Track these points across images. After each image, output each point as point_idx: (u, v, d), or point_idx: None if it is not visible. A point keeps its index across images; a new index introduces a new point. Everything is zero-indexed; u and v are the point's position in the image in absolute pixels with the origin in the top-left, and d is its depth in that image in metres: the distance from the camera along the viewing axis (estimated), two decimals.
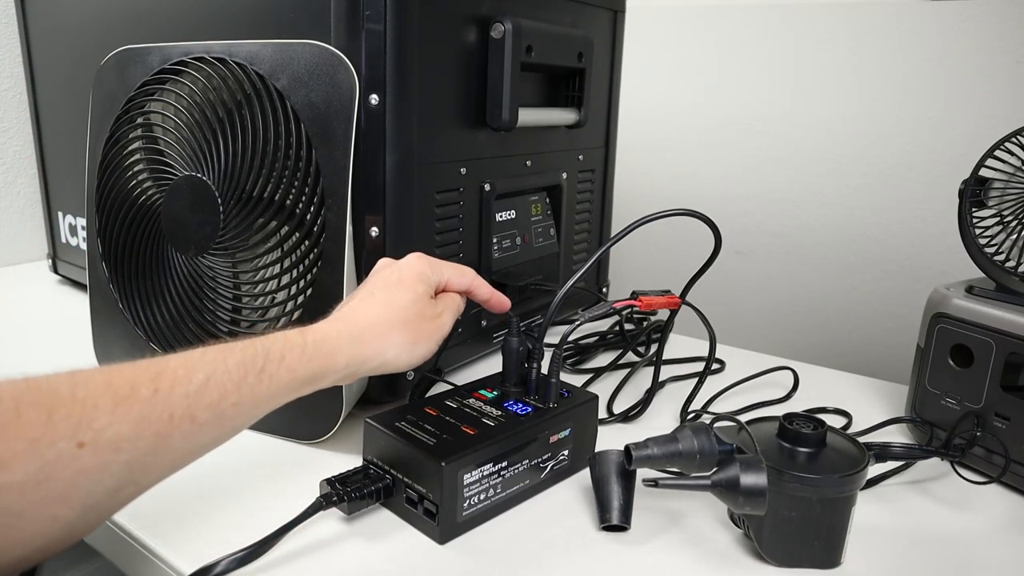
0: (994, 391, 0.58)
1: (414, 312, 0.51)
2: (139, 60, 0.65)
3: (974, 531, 0.53)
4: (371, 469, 0.53)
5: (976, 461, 0.59)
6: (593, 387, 0.75)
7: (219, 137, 0.60)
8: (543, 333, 0.57)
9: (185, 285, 0.64)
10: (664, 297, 0.60)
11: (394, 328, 0.50)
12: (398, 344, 0.50)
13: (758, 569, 0.48)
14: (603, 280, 0.98)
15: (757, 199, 1.19)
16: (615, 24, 0.89)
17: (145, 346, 0.67)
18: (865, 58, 1.05)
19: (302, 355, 0.44)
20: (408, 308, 0.51)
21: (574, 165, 0.87)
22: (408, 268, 0.54)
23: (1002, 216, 0.60)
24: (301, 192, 0.58)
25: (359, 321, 0.49)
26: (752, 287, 1.22)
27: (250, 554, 0.46)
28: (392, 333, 0.49)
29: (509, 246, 0.79)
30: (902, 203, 1.06)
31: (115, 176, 0.67)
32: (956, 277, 0.65)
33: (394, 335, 0.49)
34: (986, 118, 0.98)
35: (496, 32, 0.69)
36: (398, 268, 0.54)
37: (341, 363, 0.46)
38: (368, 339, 0.48)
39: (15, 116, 1.09)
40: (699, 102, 1.22)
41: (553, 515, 0.53)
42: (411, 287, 0.52)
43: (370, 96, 0.60)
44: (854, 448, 0.49)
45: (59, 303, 0.97)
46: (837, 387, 0.77)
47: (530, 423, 0.53)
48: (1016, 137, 0.59)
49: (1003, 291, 0.60)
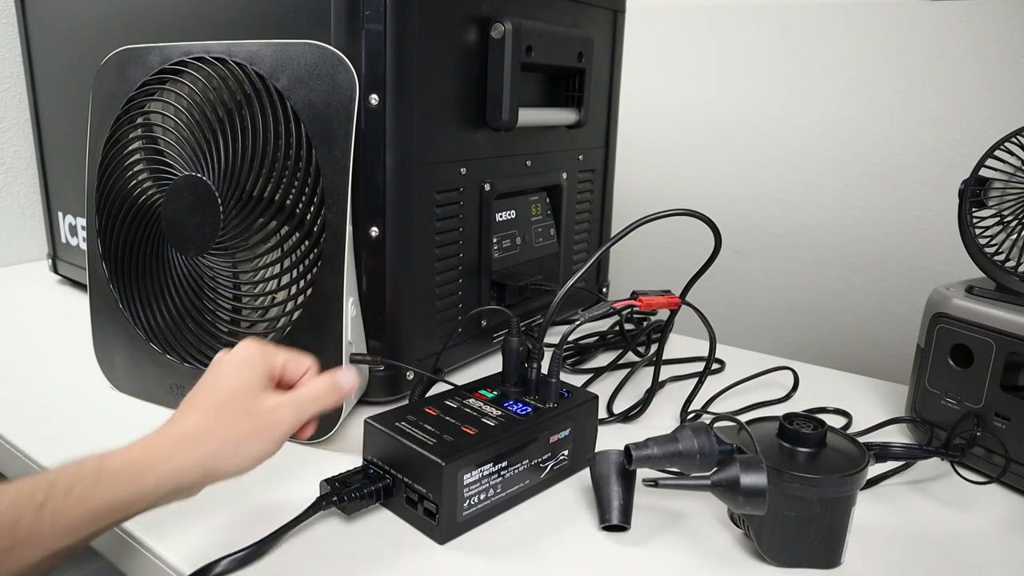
0: (994, 391, 0.57)
1: (236, 408, 0.45)
2: (139, 60, 0.65)
3: (974, 531, 0.53)
4: (371, 469, 0.52)
5: (976, 461, 0.59)
6: (593, 387, 0.75)
7: (219, 137, 0.60)
8: (543, 333, 0.57)
9: (185, 285, 0.64)
10: (664, 297, 0.60)
11: (212, 433, 0.44)
12: (218, 450, 0.44)
13: (758, 569, 0.48)
14: (603, 280, 0.98)
15: (757, 199, 1.19)
16: (615, 24, 0.89)
17: (145, 346, 0.67)
18: (865, 58, 1.05)
19: (95, 483, 0.40)
20: (226, 406, 0.45)
21: (574, 165, 0.87)
22: (233, 357, 0.49)
23: (1002, 216, 0.60)
24: (301, 192, 0.58)
25: (173, 433, 0.44)
26: (752, 287, 1.22)
27: (250, 554, 0.46)
28: (210, 440, 0.44)
29: (509, 246, 0.79)
30: (902, 203, 1.06)
31: (115, 176, 0.67)
32: (956, 277, 0.65)
33: (212, 441, 0.44)
34: (986, 118, 0.98)
35: (496, 32, 0.69)
36: (221, 361, 0.49)
37: (150, 483, 0.41)
38: (182, 451, 0.43)
39: (15, 116, 1.09)
40: (699, 102, 1.22)
41: (553, 515, 0.53)
42: (234, 379, 0.47)
43: (370, 96, 0.60)
44: (854, 448, 0.49)
45: (59, 303, 0.97)
46: (837, 387, 0.77)
47: (530, 423, 0.53)
48: (1016, 137, 0.59)
49: (1003, 291, 0.60)
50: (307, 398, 0.48)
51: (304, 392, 0.48)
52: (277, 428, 0.46)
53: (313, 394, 0.48)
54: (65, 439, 0.61)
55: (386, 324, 0.65)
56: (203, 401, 0.46)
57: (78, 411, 0.66)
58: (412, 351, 0.67)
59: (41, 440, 0.61)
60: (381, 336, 0.65)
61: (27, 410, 0.66)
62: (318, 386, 0.49)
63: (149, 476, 0.41)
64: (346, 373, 0.51)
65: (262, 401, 0.46)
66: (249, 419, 0.45)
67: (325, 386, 0.49)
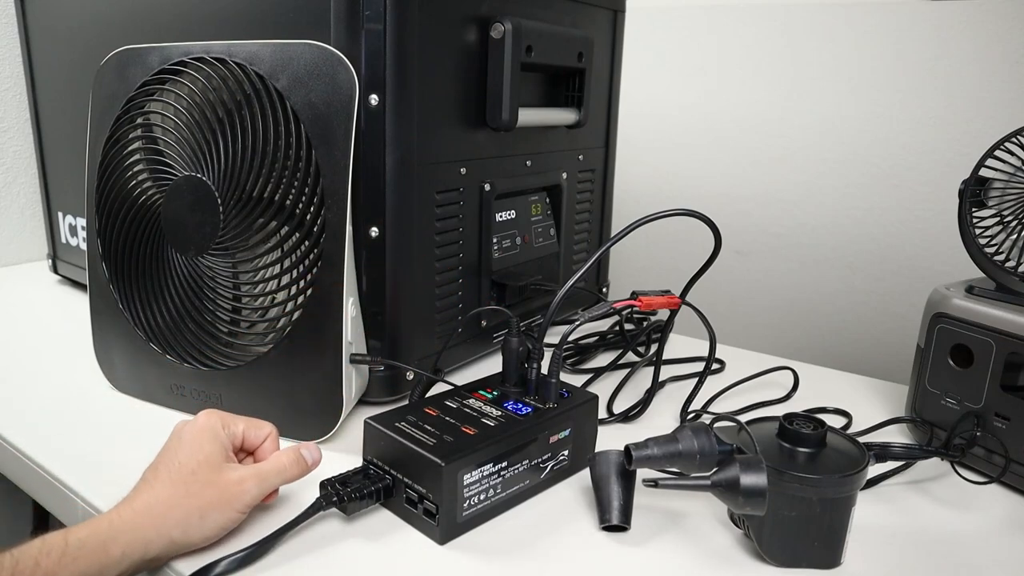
0: (994, 391, 0.57)
1: (201, 480, 0.46)
2: (139, 60, 0.65)
3: (974, 531, 0.53)
4: (371, 469, 0.52)
5: (976, 461, 0.59)
6: (593, 387, 0.75)
7: (219, 137, 0.60)
8: (543, 333, 0.57)
9: (185, 285, 0.64)
10: (664, 297, 0.60)
11: (178, 505, 0.45)
12: (182, 521, 0.45)
13: (758, 569, 0.48)
14: (603, 280, 0.98)
15: (757, 199, 1.19)
16: (615, 24, 0.89)
17: (145, 346, 0.67)
18: (865, 58, 1.05)
19: (62, 556, 0.40)
20: (192, 477, 0.46)
21: (574, 165, 0.87)
22: (193, 427, 0.49)
23: (1002, 216, 0.60)
24: (301, 192, 0.58)
25: (136, 504, 0.45)
26: (752, 287, 1.22)
27: (250, 554, 0.46)
28: (173, 510, 0.45)
29: (509, 246, 0.79)
30: (902, 203, 1.06)
31: (115, 176, 0.67)
32: (956, 277, 0.65)
33: (175, 512, 0.45)
34: (986, 118, 0.98)
35: (496, 32, 0.69)
36: (180, 433, 0.49)
37: (116, 554, 0.42)
38: (146, 522, 0.44)
39: (15, 116, 1.09)
40: (699, 102, 1.22)
41: (553, 515, 0.53)
42: (198, 451, 0.48)
43: (370, 96, 0.60)
44: (854, 448, 0.49)
45: (59, 303, 0.97)
46: (837, 387, 0.77)
47: (530, 423, 0.53)
48: (1016, 137, 0.59)
49: (1003, 291, 0.60)
50: (272, 471, 0.50)
51: (269, 465, 0.50)
52: (242, 499, 0.47)
53: (278, 467, 0.50)
54: (65, 439, 0.61)
55: (386, 324, 0.65)
56: (167, 473, 0.47)
57: (78, 411, 0.66)
58: (412, 351, 0.67)
59: (41, 440, 0.61)
60: (381, 336, 0.65)
61: (27, 410, 0.66)
62: (283, 459, 0.51)
63: (115, 548, 0.42)
64: (311, 448, 0.52)
65: (226, 473, 0.48)
66: (214, 490, 0.46)
67: (290, 459, 0.51)
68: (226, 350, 0.63)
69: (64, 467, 0.56)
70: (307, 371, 0.59)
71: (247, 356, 0.62)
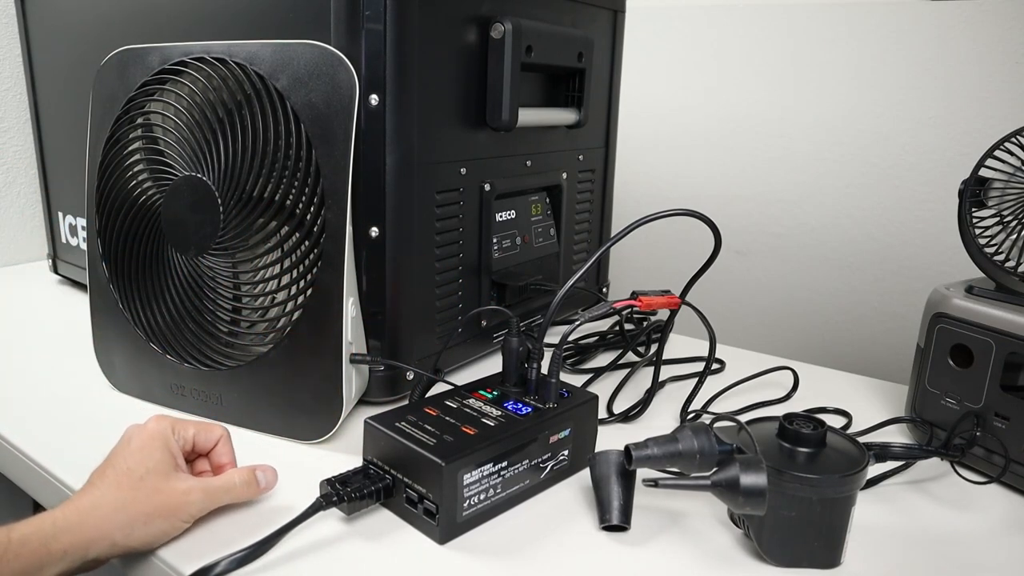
0: (994, 391, 0.58)
1: (149, 486, 0.47)
2: (139, 60, 0.65)
3: (974, 531, 0.53)
4: (371, 469, 0.53)
5: (976, 461, 0.59)
6: (593, 387, 0.75)
7: (219, 137, 0.60)
8: (543, 333, 0.57)
9: (185, 285, 0.64)
10: (664, 297, 0.60)
11: (122, 508, 0.45)
12: (126, 525, 0.45)
13: (758, 569, 0.48)
14: (603, 280, 0.98)
15: (757, 199, 1.19)
16: (615, 24, 0.89)
17: (145, 346, 0.67)
18: (865, 58, 1.05)
19: (5, 552, 0.41)
20: (140, 483, 0.46)
21: (574, 165, 0.87)
22: (143, 433, 0.50)
23: (1002, 216, 0.60)
24: (301, 192, 0.58)
25: (82, 504, 0.45)
26: (752, 287, 1.22)
27: (250, 554, 0.46)
28: (118, 514, 0.45)
29: (509, 246, 0.79)
30: (902, 203, 1.06)
31: (115, 176, 0.67)
32: (956, 277, 0.65)
33: (120, 516, 0.45)
34: (986, 118, 0.98)
35: (496, 32, 0.69)
36: (131, 437, 0.50)
37: (58, 552, 0.43)
38: (90, 523, 0.44)
39: (15, 116, 1.09)
40: (699, 102, 1.22)
41: (553, 515, 0.53)
42: (147, 457, 0.48)
43: (370, 96, 0.60)
44: (854, 448, 0.49)
45: (59, 303, 0.97)
46: (837, 387, 0.77)
47: (530, 423, 0.53)
48: (1016, 137, 0.59)
49: (1003, 291, 0.60)
50: (220, 487, 0.50)
51: (219, 481, 0.50)
52: (187, 509, 0.48)
53: (228, 484, 0.50)
54: (65, 439, 0.61)
55: (386, 324, 0.65)
56: (114, 476, 0.47)
57: (78, 411, 0.66)
58: (412, 351, 0.67)
59: (41, 440, 0.61)
60: (381, 336, 0.65)
61: (27, 410, 0.66)
62: (235, 477, 0.51)
63: (57, 546, 0.43)
64: (267, 471, 0.52)
65: (174, 482, 0.48)
66: (161, 498, 0.47)
67: (242, 479, 0.51)
68: (226, 350, 0.63)
69: (64, 467, 0.56)
70: (307, 371, 0.59)
71: (247, 356, 0.62)
